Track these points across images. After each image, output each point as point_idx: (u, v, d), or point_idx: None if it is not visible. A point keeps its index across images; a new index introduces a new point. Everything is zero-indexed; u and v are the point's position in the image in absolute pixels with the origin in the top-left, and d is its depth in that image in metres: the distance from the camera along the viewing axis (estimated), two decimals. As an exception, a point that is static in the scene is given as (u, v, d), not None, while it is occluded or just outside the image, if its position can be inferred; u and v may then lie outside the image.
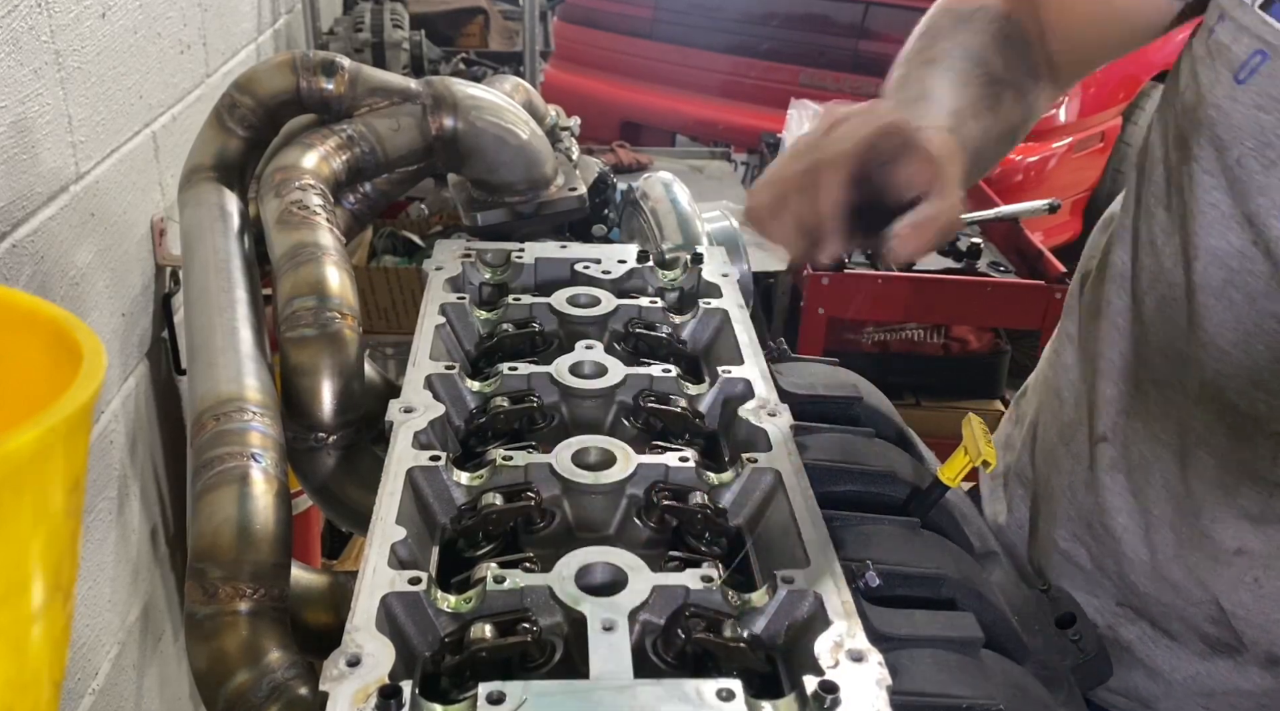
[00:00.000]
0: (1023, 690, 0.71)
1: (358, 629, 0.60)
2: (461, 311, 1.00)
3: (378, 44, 2.85)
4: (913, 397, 2.92)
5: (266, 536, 0.78)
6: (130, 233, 1.58)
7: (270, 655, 0.74)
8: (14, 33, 1.20)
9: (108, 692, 1.51)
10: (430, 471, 0.76)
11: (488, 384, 0.90)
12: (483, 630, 0.63)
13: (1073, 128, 3.93)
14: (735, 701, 0.56)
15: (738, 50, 4.11)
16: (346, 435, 0.96)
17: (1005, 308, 2.73)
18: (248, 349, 0.95)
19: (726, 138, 3.83)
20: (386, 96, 1.20)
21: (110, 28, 1.47)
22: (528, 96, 1.41)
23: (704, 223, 1.25)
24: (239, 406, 0.87)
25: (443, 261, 1.07)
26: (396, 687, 0.56)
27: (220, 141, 1.20)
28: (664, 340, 0.98)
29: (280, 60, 1.19)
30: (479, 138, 1.21)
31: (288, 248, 1.00)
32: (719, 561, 0.71)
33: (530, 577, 0.67)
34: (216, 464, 0.82)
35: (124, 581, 1.57)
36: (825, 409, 0.92)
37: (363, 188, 1.29)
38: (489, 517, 0.74)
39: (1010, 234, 2.94)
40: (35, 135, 1.26)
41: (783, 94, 3.56)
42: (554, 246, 1.11)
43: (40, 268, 1.28)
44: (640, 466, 0.77)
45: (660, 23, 4.27)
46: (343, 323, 0.95)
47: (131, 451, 1.58)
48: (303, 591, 0.87)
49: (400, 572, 0.66)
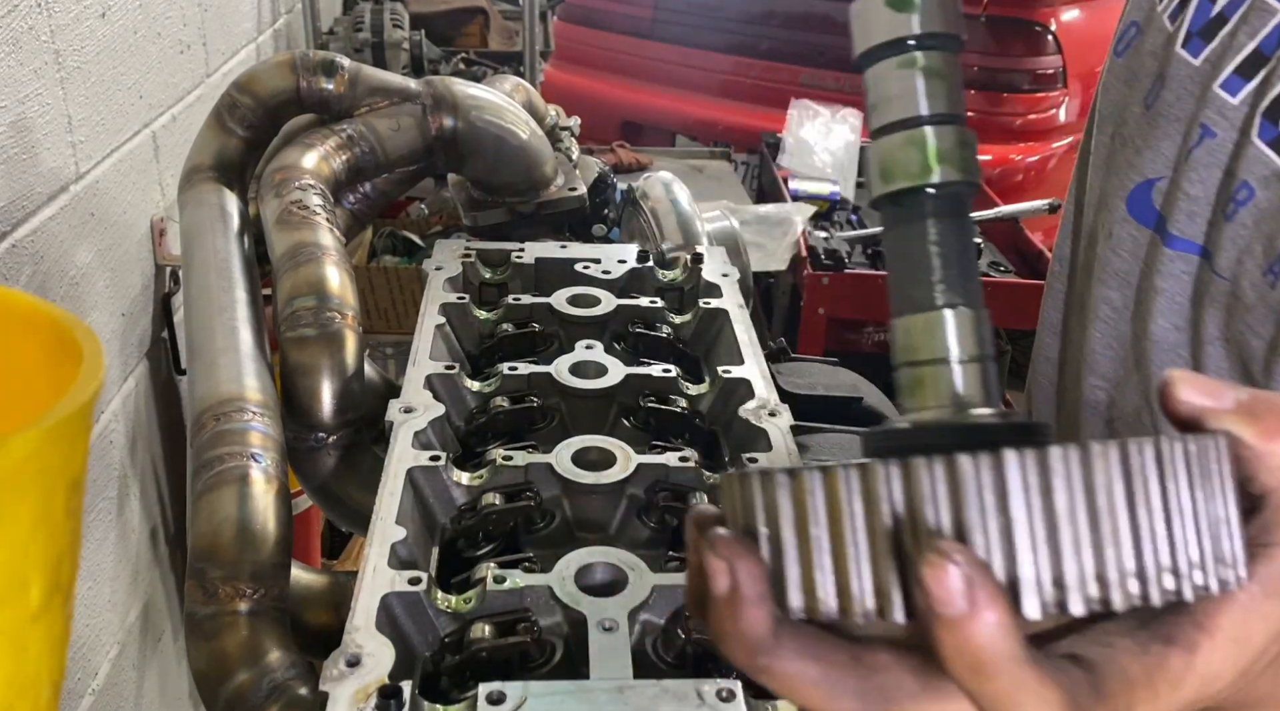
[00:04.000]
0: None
1: (358, 629, 0.60)
2: (461, 311, 1.00)
3: (377, 44, 2.85)
4: (913, 397, 2.91)
5: (266, 536, 0.78)
6: (130, 232, 1.58)
7: (270, 655, 0.74)
8: (14, 32, 1.20)
9: (107, 692, 1.51)
10: (430, 471, 0.76)
11: (488, 384, 0.90)
12: (483, 630, 0.63)
13: (1073, 128, 3.93)
14: (735, 701, 0.56)
15: (738, 50, 4.11)
16: (346, 435, 0.96)
17: (1005, 308, 2.73)
18: (248, 349, 0.95)
19: (726, 138, 3.83)
20: (386, 96, 1.20)
21: (110, 28, 1.47)
22: (528, 96, 1.41)
23: (704, 223, 1.25)
24: (239, 406, 0.87)
25: (443, 261, 1.07)
26: (396, 688, 0.56)
27: (220, 141, 1.20)
28: (664, 340, 0.98)
29: (280, 60, 1.19)
30: (479, 138, 1.21)
31: (288, 247, 1.00)
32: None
33: (530, 577, 0.67)
34: (216, 464, 0.81)
35: (124, 581, 1.57)
36: (825, 409, 0.92)
37: (363, 187, 1.29)
38: (489, 517, 0.74)
39: (1010, 234, 2.94)
40: (35, 135, 1.26)
41: (783, 94, 3.55)
42: (554, 246, 1.11)
43: (40, 267, 1.28)
44: (640, 466, 0.77)
45: (660, 22, 4.27)
46: (343, 322, 0.95)
47: (131, 451, 1.58)
48: (303, 591, 0.87)
49: (400, 572, 0.65)
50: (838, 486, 0.37)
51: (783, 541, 0.38)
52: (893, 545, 0.36)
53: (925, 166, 0.41)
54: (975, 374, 0.41)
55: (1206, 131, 0.73)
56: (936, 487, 0.36)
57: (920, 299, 0.41)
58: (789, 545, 0.38)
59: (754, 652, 0.39)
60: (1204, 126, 0.73)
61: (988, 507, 0.35)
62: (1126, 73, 0.80)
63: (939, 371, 0.41)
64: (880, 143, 0.42)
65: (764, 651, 0.38)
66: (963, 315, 0.41)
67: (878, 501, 0.37)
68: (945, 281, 0.41)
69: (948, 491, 0.36)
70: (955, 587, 0.34)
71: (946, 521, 0.36)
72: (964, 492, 0.35)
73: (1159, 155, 0.77)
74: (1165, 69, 0.76)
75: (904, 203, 0.42)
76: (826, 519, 0.37)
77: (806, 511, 0.38)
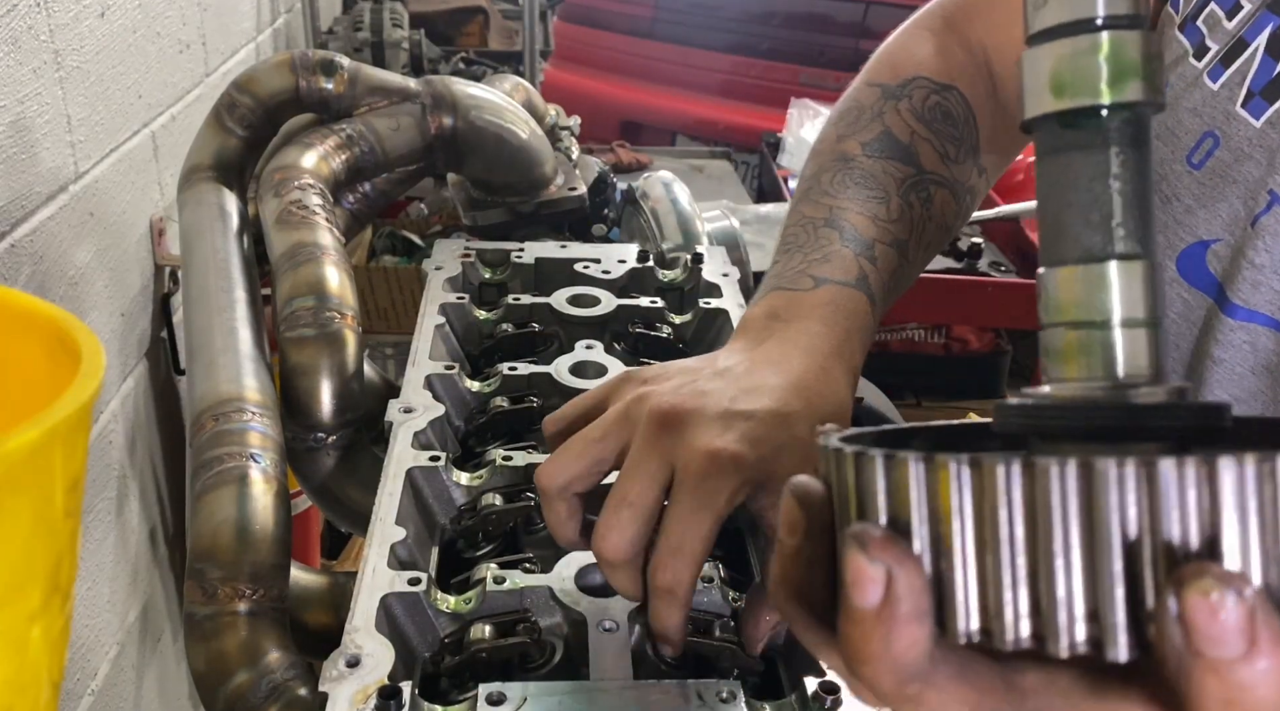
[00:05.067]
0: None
1: (357, 629, 0.60)
2: (461, 311, 1.00)
3: (377, 43, 2.85)
4: (913, 397, 2.92)
5: (266, 537, 0.78)
6: (129, 232, 1.57)
7: (269, 655, 0.73)
8: (13, 32, 1.20)
9: (107, 693, 1.51)
10: (430, 471, 0.76)
11: (488, 384, 0.90)
12: (482, 631, 0.63)
13: (1072, 127, 3.93)
14: (736, 703, 0.56)
15: (738, 50, 4.11)
16: (346, 435, 0.96)
17: (1006, 308, 2.72)
18: (247, 349, 0.95)
19: (726, 138, 3.83)
20: (386, 96, 1.20)
21: (109, 27, 1.47)
22: (527, 96, 1.41)
23: (704, 222, 1.25)
24: (238, 406, 0.87)
25: (443, 261, 1.07)
26: (396, 688, 0.56)
27: (219, 141, 1.20)
28: (664, 340, 0.98)
29: (279, 60, 1.19)
30: (479, 137, 1.21)
31: (287, 247, 1.00)
32: (719, 562, 0.71)
33: (530, 578, 0.67)
34: (216, 464, 0.81)
35: (123, 581, 1.57)
36: (825, 409, 0.92)
37: (362, 187, 1.29)
38: (489, 518, 0.74)
39: (1011, 234, 2.94)
40: (34, 135, 1.26)
41: (783, 94, 3.55)
42: (554, 246, 1.11)
43: (39, 267, 1.28)
44: (640, 466, 0.77)
45: (660, 22, 4.27)
46: (342, 322, 0.94)
47: (131, 451, 1.58)
48: (302, 591, 0.87)
49: (400, 573, 0.65)
50: (1048, 485, 0.30)
51: (954, 548, 0.32)
52: (1121, 563, 0.30)
53: (1114, 80, 0.34)
54: (1152, 341, 0.35)
55: (1276, 198, 0.68)
56: (1189, 494, 0.29)
57: (1095, 246, 0.35)
58: (967, 554, 0.31)
59: (906, 680, 0.33)
60: (1273, 193, 0.68)
61: (1252, 525, 0.29)
62: (1159, 128, 0.75)
63: (1111, 337, 0.34)
64: (1045, 49, 0.35)
65: (918, 677, 0.33)
66: (1146, 269, 0.35)
67: (1106, 508, 0.30)
68: (1127, 226, 0.34)
69: (1206, 500, 0.29)
70: (1233, 625, 0.28)
71: (1196, 538, 0.29)
72: (1223, 502, 0.29)
73: (1215, 216, 0.72)
74: (1219, 128, 0.72)
75: (1079, 125, 0.35)
76: (1025, 525, 0.30)
77: (997, 513, 0.31)
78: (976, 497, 0.31)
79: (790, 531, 0.37)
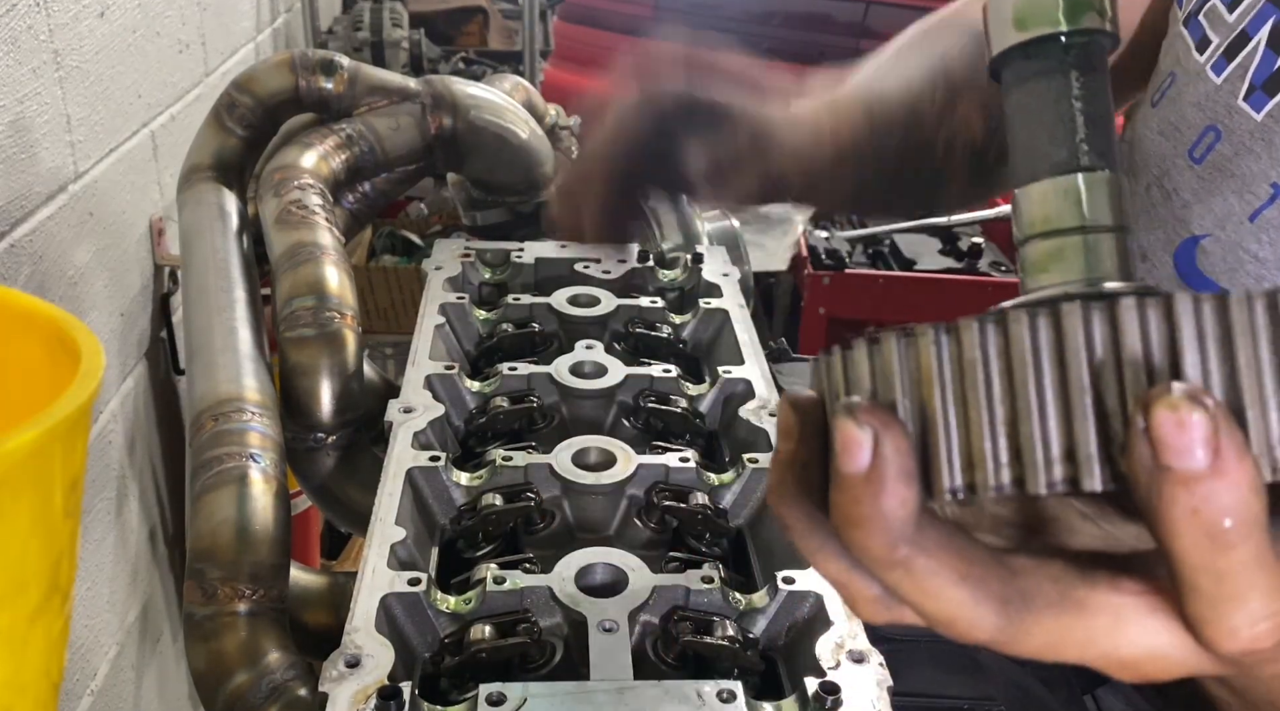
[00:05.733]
0: (1023, 689, 0.71)
1: (357, 630, 0.60)
2: (461, 311, 0.99)
3: (377, 43, 2.85)
4: (913, 397, 2.91)
5: (265, 537, 0.78)
6: (129, 232, 1.57)
7: (269, 656, 0.73)
8: (12, 32, 1.20)
9: (106, 693, 1.51)
10: (430, 472, 0.76)
11: (487, 384, 0.90)
12: (482, 631, 0.63)
13: (1072, 127, 3.93)
14: (736, 702, 0.56)
15: (738, 49, 4.11)
16: (345, 435, 0.96)
17: (1005, 307, 2.72)
18: (247, 349, 0.95)
19: (726, 137, 3.82)
20: (386, 95, 1.20)
21: (109, 27, 1.47)
22: (527, 95, 1.41)
23: (704, 222, 1.25)
24: (238, 406, 0.87)
25: (442, 261, 1.07)
26: (396, 689, 0.56)
27: (219, 141, 1.20)
28: (664, 340, 0.98)
29: (279, 59, 1.19)
30: (478, 137, 1.21)
31: (287, 247, 1.00)
32: (719, 562, 0.71)
33: (530, 578, 0.67)
34: (215, 464, 0.81)
35: (123, 582, 1.57)
36: (825, 409, 0.92)
37: (362, 187, 1.29)
38: (489, 518, 0.74)
39: (1011, 234, 2.94)
40: (33, 134, 1.26)
41: (782, 93, 3.55)
42: (554, 246, 1.11)
43: (39, 267, 1.28)
44: (640, 467, 0.77)
45: (660, 22, 4.27)
46: (342, 322, 0.94)
47: (130, 451, 1.58)
48: (302, 592, 0.87)
49: (400, 573, 0.65)
50: (1021, 332, 0.32)
51: (935, 410, 0.33)
52: (1091, 400, 0.31)
53: (1071, 11, 0.37)
54: (1120, 245, 0.37)
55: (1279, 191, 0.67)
56: (1151, 328, 0.31)
57: (1062, 160, 0.37)
58: (949, 413, 0.33)
59: (895, 542, 0.33)
60: (1275, 186, 0.67)
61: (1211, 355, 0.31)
62: (1164, 124, 0.76)
63: (1083, 241, 0.37)
64: None
65: (907, 540, 0.33)
66: (1111, 179, 0.37)
67: (1075, 349, 0.31)
68: (1090, 141, 0.37)
69: (1166, 332, 0.31)
70: (1198, 436, 0.29)
71: (1160, 369, 0.31)
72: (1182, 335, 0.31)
73: (1208, 211, 0.72)
74: (1221, 122, 0.71)
75: (1041, 54, 0.38)
76: (1001, 377, 0.32)
77: (976, 370, 0.33)
78: (954, 358, 0.33)
79: (785, 437, 0.37)
